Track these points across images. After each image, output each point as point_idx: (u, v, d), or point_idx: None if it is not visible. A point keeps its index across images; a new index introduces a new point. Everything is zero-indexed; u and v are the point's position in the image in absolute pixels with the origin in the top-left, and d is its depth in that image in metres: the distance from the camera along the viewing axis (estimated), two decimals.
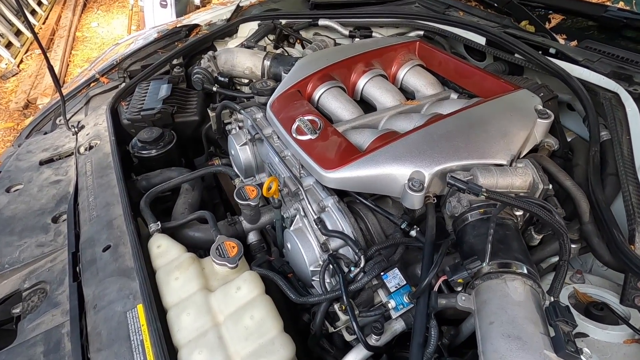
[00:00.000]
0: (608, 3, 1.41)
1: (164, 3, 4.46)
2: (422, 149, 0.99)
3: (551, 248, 1.01)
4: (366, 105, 1.43)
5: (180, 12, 4.67)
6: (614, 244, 0.85)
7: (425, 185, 0.94)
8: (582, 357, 0.65)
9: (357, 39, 1.83)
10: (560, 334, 0.67)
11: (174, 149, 1.46)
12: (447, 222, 1.01)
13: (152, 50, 1.93)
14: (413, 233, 0.98)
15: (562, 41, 1.43)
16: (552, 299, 0.74)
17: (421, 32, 1.74)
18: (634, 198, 0.89)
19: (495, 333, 0.70)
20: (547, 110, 1.13)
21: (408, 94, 1.49)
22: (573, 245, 0.98)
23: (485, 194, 0.77)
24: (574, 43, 1.39)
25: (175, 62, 1.79)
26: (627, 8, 1.38)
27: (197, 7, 5.49)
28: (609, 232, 0.86)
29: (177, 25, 2.10)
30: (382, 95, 1.39)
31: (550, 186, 0.91)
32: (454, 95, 1.43)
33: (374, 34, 1.83)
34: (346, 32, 1.85)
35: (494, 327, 0.71)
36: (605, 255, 0.90)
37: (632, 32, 1.30)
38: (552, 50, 1.32)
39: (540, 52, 1.34)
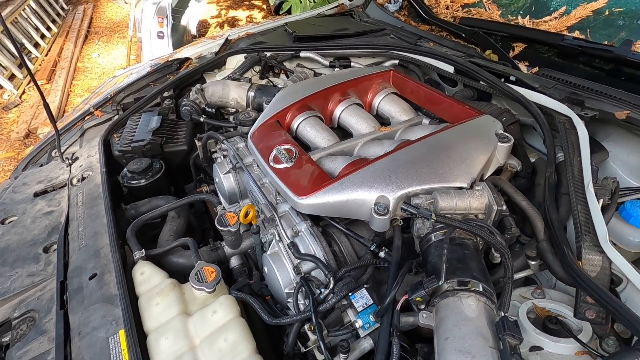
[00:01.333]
0: (565, 32, 1.52)
1: (161, 34, 4.65)
2: (387, 174, 1.06)
3: (514, 265, 1.06)
4: (344, 132, 1.52)
5: (177, 42, 4.86)
6: (565, 261, 0.91)
7: (390, 209, 1.00)
8: None
9: (337, 69, 1.94)
10: (507, 347, 0.72)
11: (162, 178, 1.54)
12: (416, 242, 1.07)
13: (144, 84, 2.03)
14: (382, 254, 1.04)
15: (524, 68, 1.53)
16: (502, 314, 0.79)
17: (396, 61, 1.85)
18: (582, 216, 0.95)
19: (449, 348, 0.75)
20: (508, 135, 1.21)
21: (384, 119, 1.58)
22: (532, 262, 1.04)
23: (434, 218, 0.83)
24: (535, 69, 1.49)
25: (165, 94, 1.89)
26: (582, 37, 1.48)
27: (194, 37, 5.72)
28: (561, 249, 0.92)
29: (169, 59, 2.23)
30: (357, 122, 1.48)
31: (504, 207, 0.98)
32: (425, 121, 1.52)
33: (352, 64, 1.94)
34: (326, 63, 1.97)
35: (448, 343, 0.76)
36: (559, 271, 0.95)
37: (586, 58, 1.40)
38: (512, 78, 1.42)
39: (502, 79, 1.44)
